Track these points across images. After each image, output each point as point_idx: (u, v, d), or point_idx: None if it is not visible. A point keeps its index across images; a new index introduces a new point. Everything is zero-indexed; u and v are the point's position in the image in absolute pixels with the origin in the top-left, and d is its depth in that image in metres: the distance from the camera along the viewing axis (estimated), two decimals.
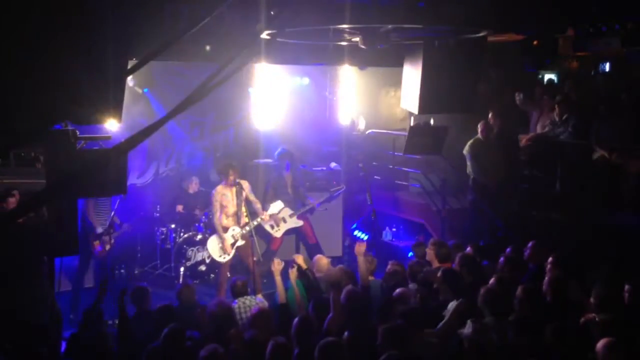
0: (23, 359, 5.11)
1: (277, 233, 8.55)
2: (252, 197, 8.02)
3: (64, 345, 5.86)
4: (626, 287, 5.14)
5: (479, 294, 5.01)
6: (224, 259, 7.92)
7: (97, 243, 7.72)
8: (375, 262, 6.49)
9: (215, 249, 7.93)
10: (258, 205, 8.03)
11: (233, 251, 7.92)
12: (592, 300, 4.94)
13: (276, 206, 8.20)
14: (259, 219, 7.96)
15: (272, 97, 8.10)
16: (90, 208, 7.83)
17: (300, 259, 6.34)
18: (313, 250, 8.45)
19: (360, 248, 6.26)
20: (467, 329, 4.41)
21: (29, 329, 5.50)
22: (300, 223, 8.69)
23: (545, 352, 4.29)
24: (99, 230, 7.73)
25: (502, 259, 6.10)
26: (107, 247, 7.72)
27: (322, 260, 6.71)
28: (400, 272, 6.28)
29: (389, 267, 6.39)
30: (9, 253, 5.48)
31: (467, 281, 5.72)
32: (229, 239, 7.86)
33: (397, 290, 5.50)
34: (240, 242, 7.90)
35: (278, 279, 6.06)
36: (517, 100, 8.79)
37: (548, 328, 4.33)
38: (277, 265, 6.15)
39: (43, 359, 5.20)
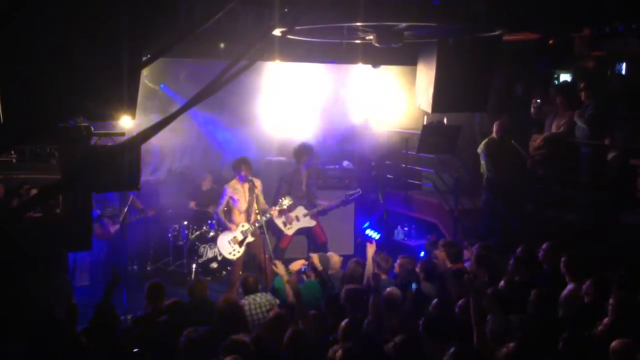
0: (38, 353, 5.15)
1: (289, 231, 8.56)
2: (261, 198, 8.03)
3: None
4: None
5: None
6: (233, 256, 7.94)
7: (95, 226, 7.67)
8: (390, 261, 6.48)
9: (225, 246, 7.95)
10: (265, 207, 8.03)
11: (243, 248, 7.93)
12: (610, 303, 4.86)
13: (286, 202, 8.18)
14: (268, 215, 7.96)
15: (284, 95, 8.11)
16: None
17: (316, 259, 6.42)
18: (321, 249, 8.44)
19: (370, 248, 6.29)
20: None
21: (45, 323, 5.54)
22: (313, 223, 8.69)
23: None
24: (96, 212, 7.70)
25: (512, 260, 6.05)
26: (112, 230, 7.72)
27: (334, 258, 6.83)
28: (411, 270, 6.26)
29: (398, 261, 6.37)
30: (25, 246, 5.52)
31: (483, 280, 5.69)
32: (238, 236, 7.88)
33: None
34: (250, 239, 7.91)
35: (284, 278, 6.06)
36: (533, 108, 8.66)
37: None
38: (279, 266, 6.20)
39: (58, 353, 5.23)
